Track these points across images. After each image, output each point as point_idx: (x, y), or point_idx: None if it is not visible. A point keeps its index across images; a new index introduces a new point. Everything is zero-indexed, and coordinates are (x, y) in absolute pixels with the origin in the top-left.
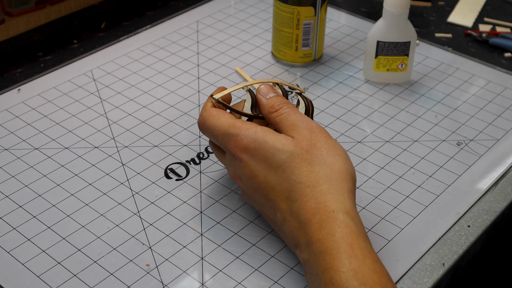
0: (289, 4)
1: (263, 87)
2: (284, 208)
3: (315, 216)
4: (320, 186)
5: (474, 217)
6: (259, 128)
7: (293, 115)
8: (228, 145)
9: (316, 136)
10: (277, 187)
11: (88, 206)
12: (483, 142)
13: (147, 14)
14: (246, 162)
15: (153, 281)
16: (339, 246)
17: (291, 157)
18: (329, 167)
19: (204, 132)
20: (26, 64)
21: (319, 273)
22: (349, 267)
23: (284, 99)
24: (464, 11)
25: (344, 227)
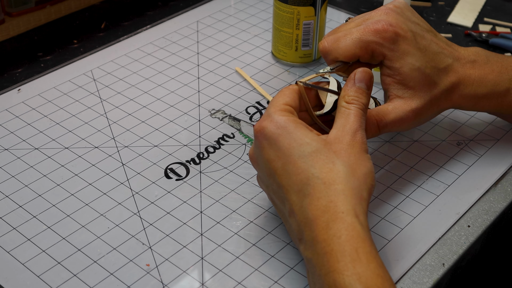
0: (289, 4)
1: (363, 73)
2: (294, 200)
3: (324, 215)
4: (336, 185)
5: (474, 217)
6: (292, 119)
7: (353, 117)
8: (259, 122)
9: (354, 145)
10: (293, 177)
11: (88, 206)
12: (483, 142)
13: (147, 14)
14: (266, 145)
15: (153, 281)
16: (344, 249)
17: (316, 152)
18: (351, 170)
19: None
20: (26, 64)
21: (322, 275)
22: (353, 271)
23: (364, 97)
24: (464, 11)
25: (351, 230)
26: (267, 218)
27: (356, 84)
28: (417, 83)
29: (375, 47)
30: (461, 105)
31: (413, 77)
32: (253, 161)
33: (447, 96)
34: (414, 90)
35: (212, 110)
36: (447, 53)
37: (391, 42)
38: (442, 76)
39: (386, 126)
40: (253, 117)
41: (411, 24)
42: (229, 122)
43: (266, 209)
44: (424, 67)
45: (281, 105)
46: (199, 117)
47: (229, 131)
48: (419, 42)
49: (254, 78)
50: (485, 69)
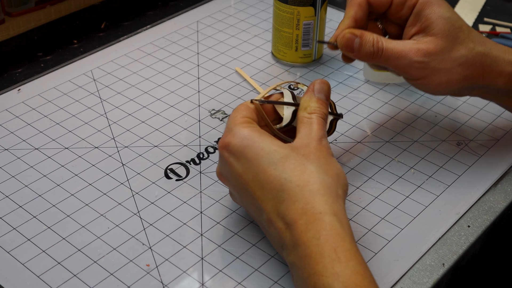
0: (289, 4)
1: (321, 84)
2: (270, 209)
3: (302, 218)
4: (311, 185)
5: (474, 217)
6: (255, 129)
7: (316, 125)
8: (222, 139)
9: (321, 150)
10: (265, 186)
11: (88, 206)
12: (483, 142)
13: (147, 14)
14: (236, 159)
15: (153, 281)
16: (323, 250)
17: (286, 157)
18: (323, 170)
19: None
20: (26, 64)
21: (304, 278)
22: (332, 271)
23: (324, 107)
24: (464, 11)
25: (330, 229)
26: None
27: (316, 95)
28: (440, 31)
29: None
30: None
31: (439, 24)
32: (222, 179)
33: (475, 60)
34: (434, 36)
35: (212, 110)
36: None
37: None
38: (471, 36)
39: (382, 52)
40: None
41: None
42: None
43: None
44: (456, 20)
45: (240, 118)
46: (199, 117)
47: None
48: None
49: (254, 78)
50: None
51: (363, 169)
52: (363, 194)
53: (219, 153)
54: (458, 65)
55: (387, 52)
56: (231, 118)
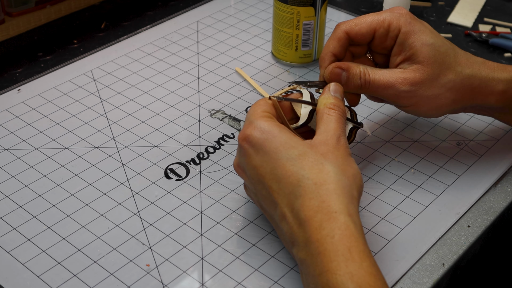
0: (289, 4)
1: (336, 85)
2: (285, 203)
3: (317, 215)
4: (327, 184)
5: (474, 217)
6: (276, 124)
7: (335, 122)
8: (243, 131)
9: (339, 148)
10: (282, 180)
11: (88, 206)
12: (483, 142)
13: (147, 14)
14: (252, 152)
15: (153, 281)
16: (337, 248)
17: (304, 154)
18: (341, 170)
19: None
20: (26, 64)
21: (316, 275)
22: (346, 270)
23: (342, 105)
24: (464, 11)
25: (345, 229)
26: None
27: (333, 94)
28: (426, 58)
29: (393, 20)
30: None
31: (424, 51)
32: (238, 171)
33: (463, 83)
34: (420, 64)
35: (212, 110)
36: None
37: (410, 18)
38: (458, 58)
39: (369, 84)
40: None
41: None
42: (229, 123)
43: None
44: (440, 45)
45: (261, 112)
46: (199, 117)
47: (229, 131)
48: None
49: (254, 78)
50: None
51: (363, 169)
52: (363, 194)
53: (239, 144)
54: (447, 90)
55: (375, 83)
56: (251, 111)
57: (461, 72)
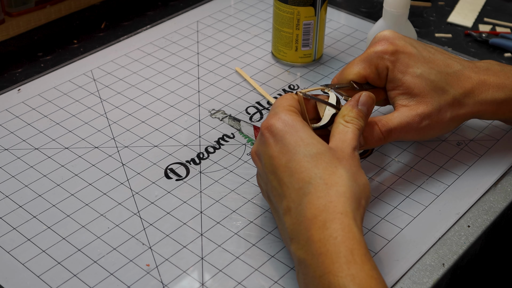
0: (289, 4)
1: (367, 97)
2: (293, 198)
3: (322, 214)
4: (338, 186)
5: (474, 217)
6: (300, 119)
7: (352, 134)
8: (267, 120)
9: (353, 159)
10: (295, 175)
11: (88, 206)
12: (483, 142)
13: (147, 14)
14: (272, 141)
15: (153, 281)
16: (340, 250)
17: (321, 154)
18: (353, 177)
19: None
20: (26, 64)
21: (317, 277)
22: (348, 272)
23: (363, 120)
24: (464, 11)
25: (348, 231)
26: (267, 218)
27: (359, 107)
28: (422, 90)
29: (378, 62)
30: (481, 112)
31: (417, 84)
32: (255, 158)
33: (461, 102)
34: (420, 97)
35: (212, 110)
36: (455, 60)
37: (392, 55)
38: (452, 81)
39: (391, 132)
40: (253, 117)
41: (411, 40)
42: (229, 122)
43: (266, 209)
44: (428, 73)
45: (287, 106)
46: (199, 117)
47: (229, 131)
48: (422, 53)
49: (254, 78)
50: (500, 76)
51: (363, 169)
52: None
53: (261, 132)
54: (453, 112)
55: (397, 130)
56: (277, 102)
57: (457, 97)
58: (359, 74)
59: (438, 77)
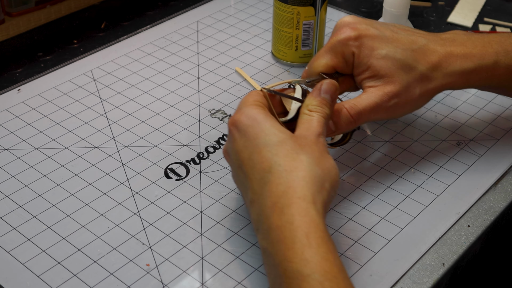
0: (289, 4)
1: (329, 84)
2: (256, 189)
3: (280, 200)
4: (298, 171)
5: (474, 217)
6: (263, 111)
7: (316, 122)
8: (232, 117)
9: (318, 145)
10: (256, 166)
11: (88, 206)
12: (483, 142)
13: (147, 14)
14: (237, 137)
15: (153, 281)
16: (295, 235)
17: (282, 142)
18: (314, 161)
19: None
20: (26, 64)
21: (275, 265)
22: (302, 257)
23: (327, 107)
24: (464, 11)
25: (304, 215)
26: None
27: (321, 95)
28: (388, 70)
29: (343, 50)
30: (451, 84)
31: (383, 65)
32: (226, 157)
33: (429, 76)
34: (387, 77)
35: (212, 110)
36: (419, 36)
37: (356, 40)
38: (418, 57)
39: (361, 114)
40: None
41: (372, 22)
42: None
43: None
44: (394, 52)
45: (252, 101)
46: (199, 117)
47: None
48: (384, 33)
49: (254, 78)
50: (467, 45)
51: (363, 169)
52: (363, 194)
53: (229, 130)
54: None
55: (366, 110)
56: (243, 99)
57: (425, 72)
58: (327, 66)
59: (404, 55)
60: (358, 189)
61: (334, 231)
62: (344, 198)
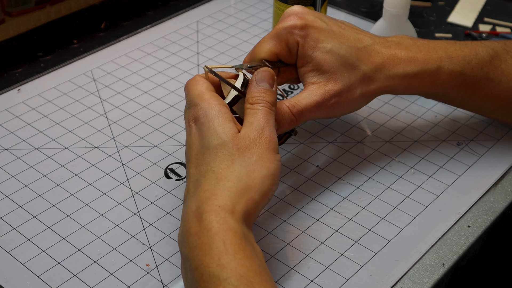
0: (289, 4)
1: (263, 72)
2: (190, 188)
3: (202, 206)
4: (226, 181)
5: (474, 217)
6: (217, 107)
7: (259, 114)
8: (189, 112)
9: (260, 142)
10: (198, 167)
11: (88, 206)
12: (483, 142)
13: (147, 14)
14: (193, 132)
15: (153, 281)
16: (213, 241)
17: (221, 146)
18: (247, 171)
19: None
20: (26, 64)
21: (192, 270)
22: (218, 263)
23: (269, 95)
24: (464, 11)
25: (222, 223)
26: (267, 218)
27: (258, 85)
28: (331, 67)
29: (288, 38)
30: (393, 87)
31: (326, 60)
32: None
33: (371, 77)
34: (329, 73)
35: None
36: (365, 36)
37: (302, 30)
38: (362, 56)
39: (302, 113)
40: None
41: (320, 15)
42: None
43: (266, 209)
44: (338, 48)
45: (207, 92)
46: None
47: None
48: (332, 28)
49: None
50: (412, 49)
51: (363, 169)
52: (363, 194)
53: (188, 124)
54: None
55: (307, 109)
56: (195, 91)
57: (367, 72)
58: (270, 52)
59: (348, 52)
60: (358, 189)
61: (334, 231)
62: (344, 199)
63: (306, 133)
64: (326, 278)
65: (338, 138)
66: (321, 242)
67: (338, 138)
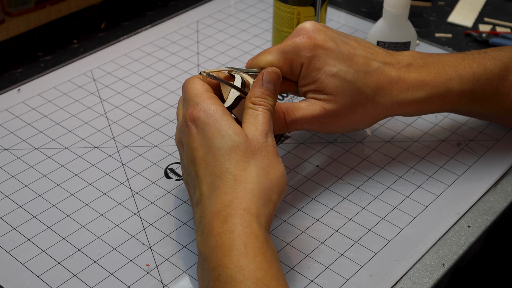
0: (289, 4)
1: (271, 73)
2: (204, 192)
3: (226, 209)
4: (247, 183)
5: (474, 217)
6: (220, 108)
7: (263, 118)
8: (186, 111)
9: (266, 146)
10: (209, 168)
11: (88, 206)
12: (483, 142)
13: (147, 14)
14: (194, 133)
15: (153, 281)
16: (234, 243)
17: (235, 147)
18: (264, 172)
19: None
20: (26, 64)
21: (210, 270)
22: (237, 264)
23: (271, 98)
24: (464, 11)
25: (246, 226)
26: None
27: (264, 85)
28: (334, 90)
29: (293, 58)
30: (401, 112)
31: (330, 83)
32: (179, 146)
33: (377, 102)
34: (331, 95)
35: None
36: (375, 57)
37: (309, 50)
38: (369, 81)
39: (295, 123)
40: None
41: (333, 33)
42: None
43: None
44: (345, 72)
45: (205, 92)
46: None
47: None
48: (341, 49)
49: None
50: (422, 72)
51: (363, 169)
52: (363, 194)
53: (186, 123)
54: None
55: (302, 120)
56: (194, 90)
57: (373, 97)
58: (271, 65)
59: (355, 77)
60: (358, 189)
61: (334, 231)
62: (344, 199)
63: (306, 133)
64: (326, 278)
65: (338, 138)
66: (321, 242)
67: (338, 138)
